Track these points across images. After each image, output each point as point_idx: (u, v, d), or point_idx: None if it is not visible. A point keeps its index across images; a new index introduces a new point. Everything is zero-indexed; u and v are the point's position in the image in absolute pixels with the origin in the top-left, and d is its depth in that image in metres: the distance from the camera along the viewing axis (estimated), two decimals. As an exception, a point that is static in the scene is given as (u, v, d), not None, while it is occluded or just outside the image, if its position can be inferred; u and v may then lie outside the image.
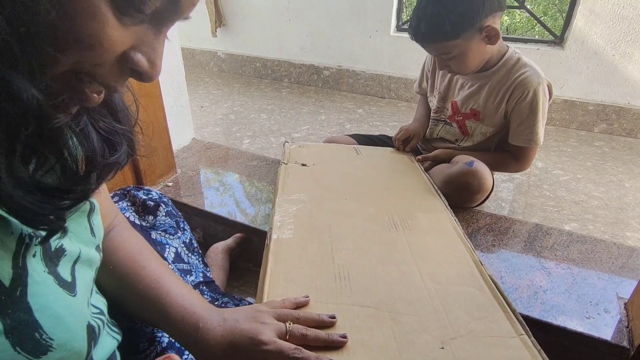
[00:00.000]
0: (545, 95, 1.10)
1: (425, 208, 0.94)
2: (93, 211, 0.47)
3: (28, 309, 0.34)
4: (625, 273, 0.95)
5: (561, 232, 1.09)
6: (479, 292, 0.68)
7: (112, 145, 0.41)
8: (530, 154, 1.18)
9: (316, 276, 0.69)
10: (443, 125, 1.29)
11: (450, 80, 1.24)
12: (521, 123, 1.12)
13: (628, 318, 0.84)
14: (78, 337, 0.38)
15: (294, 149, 1.22)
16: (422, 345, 0.56)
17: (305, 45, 2.78)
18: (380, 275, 0.70)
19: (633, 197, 1.61)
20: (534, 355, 0.55)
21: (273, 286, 0.66)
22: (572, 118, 2.22)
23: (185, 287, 0.58)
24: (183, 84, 1.38)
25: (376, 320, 0.60)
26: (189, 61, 3.21)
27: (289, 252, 0.75)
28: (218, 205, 1.16)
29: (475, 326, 0.60)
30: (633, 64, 2.03)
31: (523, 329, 0.60)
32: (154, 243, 0.78)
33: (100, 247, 0.48)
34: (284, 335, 0.51)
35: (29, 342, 0.33)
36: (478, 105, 1.18)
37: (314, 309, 0.61)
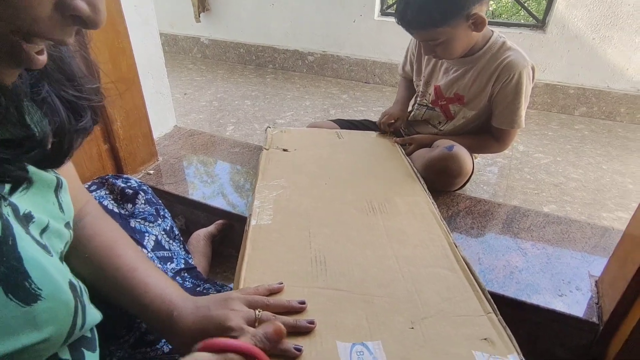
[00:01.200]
0: (530, 78, 1.12)
1: (404, 192, 0.95)
2: (61, 187, 0.47)
3: (19, 259, 0.35)
4: (598, 252, 0.98)
5: (538, 214, 1.11)
6: (451, 273, 0.70)
7: (77, 112, 0.42)
8: (511, 136, 1.20)
9: (293, 261, 0.70)
10: (426, 110, 1.30)
11: (435, 65, 1.24)
12: (506, 107, 1.14)
13: (598, 295, 0.87)
14: (63, 289, 0.39)
15: (276, 134, 1.21)
16: (392, 326, 0.58)
17: (289, 30, 2.75)
18: (356, 259, 0.71)
19: (610, 179, 1.65)
20: (500, 332, 0.57)
21: (250, 272, 0.67)
22: (553, 102, 2.25)
23: (161, 276, 0.59)
24: (163, 69, 1.36)
25: (349, 302, 0.62)
26: (172, 48, 3.15)
27: (266, 238, 0.76)
28: (200, 192, 1.16)
29: (445, 306, 0.62)
30: (612, 47, 2.05)
31: (491, 307, 0.62)
32: (133, 231, 0.78)
33: (70, 225, 0.49)
34: (252, 322, 0.53)
35: (20, 290, 0.35)
36: (462, 89, 1.19)
37: (289, 293, 0.62)
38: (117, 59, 1.03)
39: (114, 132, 1.08)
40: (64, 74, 0.42)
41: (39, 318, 0.36)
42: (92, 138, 1.03)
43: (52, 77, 0.41)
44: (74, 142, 0.43)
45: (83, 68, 0.45)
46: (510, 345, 0.55)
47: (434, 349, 0.54)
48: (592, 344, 0.83)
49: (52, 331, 0.37)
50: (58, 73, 0.42)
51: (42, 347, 0.37)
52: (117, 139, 1.10)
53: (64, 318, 0.39)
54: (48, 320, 0.37)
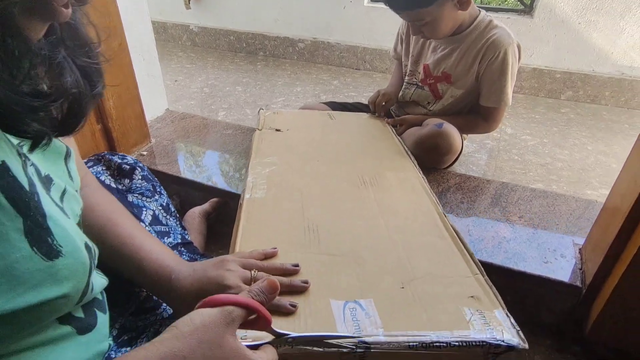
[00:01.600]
0: (515, 56, 1.14)
1: (395, 168, 0.98)
2: (69, 156, 0.49)
3: (43, 215, 0.37)
4: (581, 223, 1.02)
5: (525, 189, 1.15)
6: (440, 240, 0.72)
7: (90, 78, 0.44)
8: (499, 114, 1.22)
9: (286, 230, 0.72)
10: (415, 88, 1.32)
11: (424, 44, 1.26)
12: (492, 84, 1.16)
13: (582, 261, 0.91)
14: (81, 249, 0.41)
15: (269, 115, 1.23)
16: (383, 286, 0.60)
17: (279, 17, 2.74)
18: (348, 229, 0.73)
19: (594, 159, 1.70)
20: (486, 291, 0.60)
21: (244, 240, 0.69)
22: (540, 86, 2.29)
23: (158, 243, 0.61)
24: (154, 53, 1.36)
25: (342, 266, 0.64)
26: (161, 35, 3.12)
27: (261, 210, 0.78)
28: (194, 171, 1.17)
29: (434, 269, 0.64)
30: (598, 31, 2.09)
31: (478, 269, 0.64)
32: (130, 205, 0.79)
33: (78, 194, 0.50)
34: (248, 281, 0.55)
35: (44, 245, 0.36)
36: (449, 68, 1.21)
37: (283, 258, 0.64)
38: (109, 38, 1.03)
39: (107, 112, 1.09)
40: (77, 41, 0.44)
41: (60, 274, 0.37)
42: (85, 117, 1.04)
43: (67, 44, 0.43)
44: (89, 106, 0.45)
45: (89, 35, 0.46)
46: (495, 302, 0.58)
47: (423, 305, 0.57)
48: (575, 306, 0.87)
49: (70, 287, 0.39)
50: (72, 40, 0.43)
51: (61, 302, 0.39)
52: (110, 119, 1.10)
53: (81, 276, 0.41)
54: (68, 276, 0.38)
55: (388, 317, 0.54)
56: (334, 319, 0.53)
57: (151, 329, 0.64)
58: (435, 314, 0.55)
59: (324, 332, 0.51)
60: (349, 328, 0.52)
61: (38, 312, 0.37)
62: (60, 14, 0.36)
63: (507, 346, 0.51)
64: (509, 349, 0.51)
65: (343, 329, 0.52)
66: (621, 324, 0.80)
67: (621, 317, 0.79)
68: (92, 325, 0.46)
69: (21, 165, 0.37)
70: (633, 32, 2.04)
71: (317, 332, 0.51)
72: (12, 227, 0.34)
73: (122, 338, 0.61)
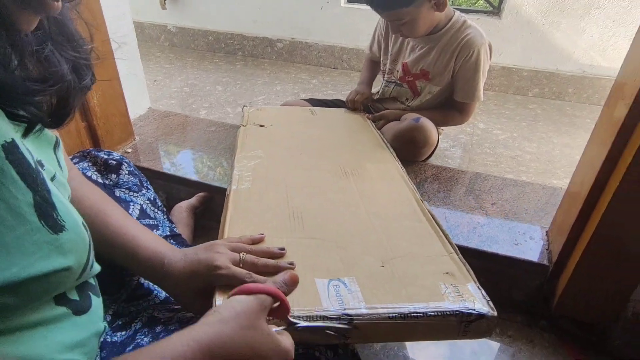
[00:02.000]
0: (487, 55, 1.22)
1: (375, 159, 1.02)
2: (58, 146, 0.51)
3: (49, 191, 0.39)
4: (548, 208, 1.10)
5: (497, 178, 1.22)
6: (418, 223, 0.77)
7: (78, 71, 0.46)
8: (472, 108, 1.30)
9: (272, 217, 0.75)
10: (394, 86, 1.38)
11: (402, 44, 1.33)
12: (466, 82, 1.24)
13: (548, 242, 0.98)
14: (80, 225, 0.43)
15: (252, 112, 1.26)
16: (364, 265, 0.64)
17: (258, 17, 2.77)
18: (330, 215, 0.77)
19: (560, 151, 1.81)
20: (460, 267, 0.65)
21: (232, 227, 0.72)
22: (509, 83, 2.40)
23: (149, 232, 0.63)
24: (136, 52, 1.37)
25: (325, 249, 0.67)
26: (139, 35, 3.06)
27: (247, 199, 0.81)
28: (179, 167, 1.19)
29: (413, 249, 0.69)
30: (560, 32, 2.22)
31: (453, 249, 0.69)
32: (118, 200, 0.80)
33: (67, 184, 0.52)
34: (237, 263, 0.58)
35: (50, 219, 0.38)
36: (428, 65, 1.27)
37: (270, 243, 0.67)
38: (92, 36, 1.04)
39: (92, 110, 1.10)
40: (64, 36, 0.46)
41: (64, 246, 0.40)
42: (70, 114, 1.04)
43: (54, 39, 0.44)
44: (77, 99, 0.47)
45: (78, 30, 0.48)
46: (468, 276, 0.63)
47: (402, 282, 0.61)
48: (543, 284, 0.94)
49: (74, 260, 0.41)
50: (59, 35, 0.45)
51: (65, 274, 0.41)
52: (95, 117, 1.11)
53: (82, 250, 0.43)
54: (71, 249, 0.41)
55: (369, 293, 0.57)
56: (319, 296, 0.56)
57: (144, 313, 0.65)
58: (414, 289, 0.59)
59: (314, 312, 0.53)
60: (333, 303, 0.55)
61: (45, 284, 0.39)
62: (51, 7, 0.38)
63: (478, 314, 0.55)
64: (480, 317, 0.55)
65: (327, 304, 0.55)
66: (583, 298, 0.88)
67: (583, 291, 0.87)
68: (87, 307, 0.48)
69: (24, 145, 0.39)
70: (592, 33, 2.18)
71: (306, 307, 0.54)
72: (24, 201, 0.36)
73: (116, 323, 0.63)
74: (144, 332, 0.60)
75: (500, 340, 0.93)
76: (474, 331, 0.56)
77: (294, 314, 0.51)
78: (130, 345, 0.58)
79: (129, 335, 0.60)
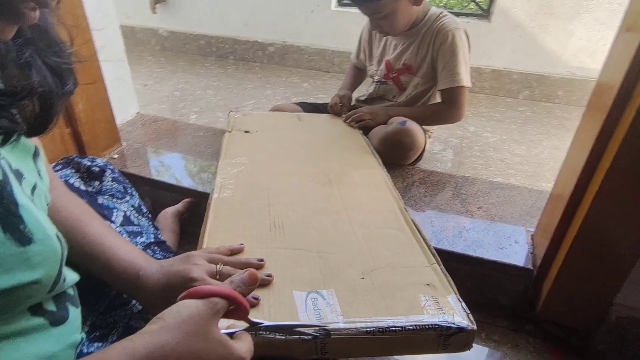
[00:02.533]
0: (462, 39, 1.23)
1: (360, 165, 1.02)
2: (38, 156, 0.50)
3: (15, 204, 0.38)
4: (533, 211, 1.10)
5: (484, 182, 1.23)
6: (400, 233, 0.76)
7: (60, 76, 0.46)
8: (458, 97, 1.25)
9: (252, 227, 0.74)
10: (379, 85, 1.39)
11: (385, 44, 1.35)
12: (445, 66, 1.23)
13: (533, 246, 0.98)
14: (52, 237, 0.42)
15: (238, 117, 1.26)
16: (344, 277, 0.63)
17: (249, 21, 2.77)
18: (312, 224, 0.76)
19: (549, 154, 1.81)
20: (441, 278, 0.64)
21: (212, 237, 0.71)
22: (500, 86, 2.41)
23: (126, 243, 0.62)
24: (123, 56, 1.37)
25: (305, 259, 0.66)
26: (129, 40, 3.07)
27: (228, 208, 0.80)
28: (166, 173, 1.19)
29: (394, 260, 0.68)
30: (549, 34, 2.23)
31: (435, 259, 0.68)
32: (100, 207, 0.79)
33: (48, 193, 0.51)
34: (214, 275, 0.57)
35: (16, 232, 0.37)
36: (409, 58, 1.29)
37: (249, 254, 0.66)
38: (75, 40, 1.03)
39: (76, 116, 1.09)
40: (45, 41, 0.45)
41: (32, 259, 0.39)
42: (54, 121, 1.04)
43: (36, 44, 0.44)
44: (60, 104, 0.46)
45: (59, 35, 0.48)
46: (449, 288, 0.62)
47: (382, 294, 0.60)
48: (528, 288, 0.94)
49: (43, 273, 0.40)
50: (40, 40, 0.45)
51: (34, 288, 0.40)
52: (79, 123, 1.10)
53: (53, 263, 0.42)
54: (40, 262, 0.40)
55: (348, 305, 0.57)
56: (296, 309, 0.56)
57: (121, 323, 0.65)
58: (393, 301, 0.58)
59: (288, 321, 0.53)
60: (310, 317, 0.54)
61: (12, 297, 0.38)
62: (27, 17, 0.38)
63: (457, 328, 0.54)
64: (459, 330, 0.54)
65: (305, 317, 0.54)
66: (567, 302, 0.88)
67: (567, 296, 0.87)
68: (64, 318, 0.47)
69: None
70: (581, 35, 2.19)
71: (282, 321, 0.53)
72: None
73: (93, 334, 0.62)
74: None
75: (486, 345, 0.93)
76: (454, 345, 0.55)
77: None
78: (106, 356, 0.57)
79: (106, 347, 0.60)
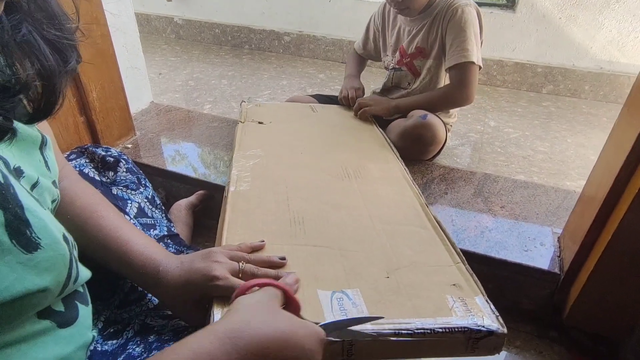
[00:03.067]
0: (473, 15, 1.18)
1: (378, 159, 0.99)
2: (45, 145, 0.47)
3: (21, 207, 0.36)
4: (560, 212, 1.05)
5: (507, 180, 1.18)
6: (423, 230, 0.73)
7: (61, 52, 0.42)
8: (467, 75, 1.17)
9: (272, 222, 0.72)
10: (394, 72, 1.34)
11: (399, 32, 1.31)
12: (453, 42, 1.18)
13: (560, 249, 0.94)
14: (59, 241, 0.40)
15: (251, 108, 1.23)
16: (368, 276, 0.61)
17: (265, 10, 2.72)
18: (332, 220, 0.74)
19: (574, 151, 1.74)
20: (467, 278, 0.62)
21: (231, 232, 0.69)
22: (522, 80, 2.33)
23: (144, 236, 0.60)
24: (138, 44, 1.34)
25: (328, 257, 0.64)
26: (144, 27, 3.07)
27: (246, 202, 0.78)
28: (179, 164, 1.16)
29: (418, 258, 0.66)
30: (577, 26, 2.14)
31: (460, 258, 0.66)
32: (115, 198, 0.78)
33: (56, 184, 0.49)
34: (236, 273, 0.55)
35: (22, 238, 0.35)
36: (422, 41, 1.25)
37: (270, 251, 0.64)
38: (91, 27, 1.01)
39: (90, 104, 1.07)
40: (44, 13, 0.41)
41: (40, 266, 0.37)
42: (67, 108, 1.02)
43: (33, 17, 0.40)
44: (64, 82, 0.43)
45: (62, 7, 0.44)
46: (476, 289, 0.60)
47: (408, 294, 0.58)
48: (554, 293, 0.90)
49: (51, 280, 0.38)
50: (38, 12, 0.41)
51: (41, 295, 0.38)
52: (94, 111, 1.09)
53: (61, 268, 0.40)
54: (48, 268, 0.38)
55: (374, 306, 0.55)
56: (322, 309, 0.54)
57: (136, 320, 0.63)
58: (420, 302, 0.56)
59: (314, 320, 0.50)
60: (336, 317, 0.52)
61: (19, 306, 0.36)
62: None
63: (487, 331, 0.52)
64: (489, 334, 0.52)
65: (331, 318, 0.52)
66: (596, 309, 0.84)
67: (596, 302, 0.83)
68: (73, 319, 0.45)
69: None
70: (611, 27, 2.09)
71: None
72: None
73: (107, 331, 0.61)
74: (135, 341, 0.58)
75: (508, 350, 0.89)
76: (483, 348, 0.53)
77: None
78: (121, 355, 0.55)
79: (121, 344, 0.58)
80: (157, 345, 0.56)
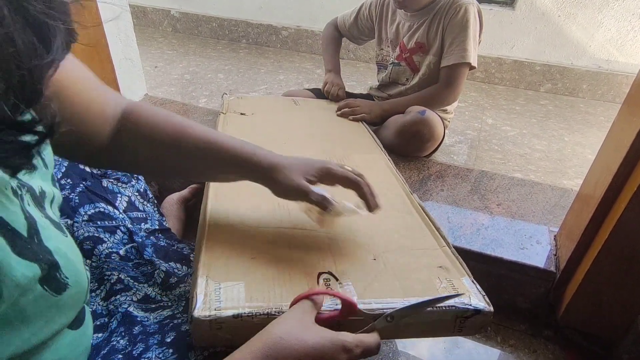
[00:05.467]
0: (475, 15, 1.17)
1: (362, 150, 0.99)
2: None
3: (49, 252, 0.35)
4: (557, 211, 1.04)
5: (504, 177, 1.17)
6: (408, 215, 0.74)
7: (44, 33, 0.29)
8: (459, 76, 1.19)
9: (256, 207, 0.71)
10: (392, 67, 1.33)
11: (397, 26, 1.29)
12: (453, 41, 1.18)
13: (556, 247, 0.93)
14: (82, 273, 0.39)
15: (233, 100, 1.22)
16: (356, 258, 0.61)
17: (262, 4, 2.70)
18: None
19: (571, 150, 1.74)
20: (453, 261, 0.62)
21: (213, 218, 0.68)
22: (521, 78, 2.32)
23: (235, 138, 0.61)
24: (132, 35, 1.32)
25: (314, 240, 0.64)
26: (141, 20, 3.03)
27: (228, 188, 0.76)
28: (173, 158, 1.15)
29: (404, 242, 0.66)
30: (576, 24, 2.13)
31: (445, 242, 0.67)
32: (105, 191, 0.77)
33: (54, 179, 0.48)
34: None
35: (53, 282, 0.35)
36: (422, 37, 1.23)
37: (254, 234, 0.65)
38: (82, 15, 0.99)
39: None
40: None
41: (65, 305, 0.37)
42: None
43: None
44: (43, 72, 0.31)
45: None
46: (462, 270, 0.60)
47: (396, 275, 0.58)
48: (549, 291, 0.89)
49: (72, 315, 0.39)
50: None
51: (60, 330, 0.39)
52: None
53: (80, 301, 0.40)
54: (72, 305, 0.38)
55: (362, 287, 0.55)
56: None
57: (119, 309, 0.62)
58: (408, 283, 0.57)
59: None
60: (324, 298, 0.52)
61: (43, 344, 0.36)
62: None
63: (474, 310, 0.53)
64: (476, 312, 0.53)
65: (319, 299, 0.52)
66: (592, 308, 0.83)
67: (592, 302, 0.82)
68: (81, 319, 0.46)
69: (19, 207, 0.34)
70: (610, 26, 2.09)
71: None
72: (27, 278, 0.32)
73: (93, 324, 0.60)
74: (119, 332, 0.57)
75: (502, 349, 0.88)
76: (470, 327, 0.54)
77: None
78: (105, 348, 0.55)
79: (105, 337, 0.58)
80: (141, 338, 0.55)
